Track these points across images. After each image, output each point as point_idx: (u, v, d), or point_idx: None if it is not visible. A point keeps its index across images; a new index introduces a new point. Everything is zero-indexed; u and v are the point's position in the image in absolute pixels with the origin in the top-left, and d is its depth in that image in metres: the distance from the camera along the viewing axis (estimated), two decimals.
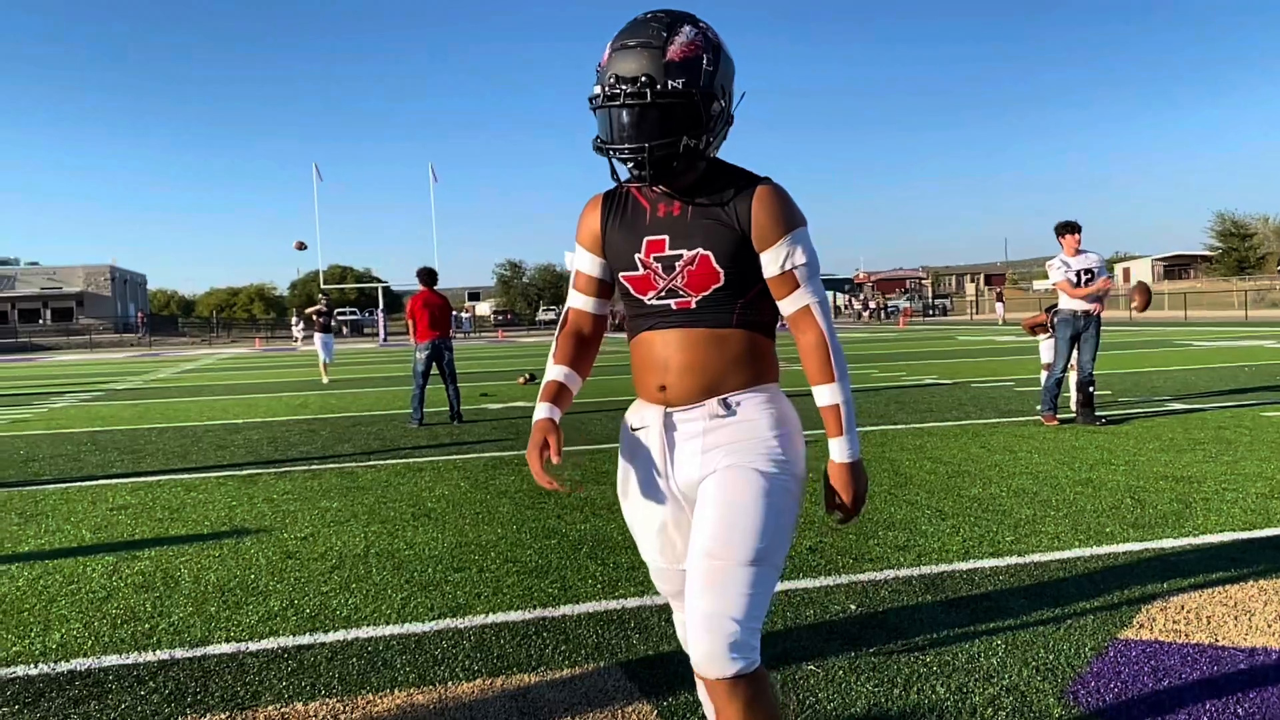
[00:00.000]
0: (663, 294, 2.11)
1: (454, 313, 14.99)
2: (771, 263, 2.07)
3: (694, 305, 2.08)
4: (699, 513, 2.06)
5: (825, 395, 2.08)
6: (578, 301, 2.30)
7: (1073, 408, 9.31)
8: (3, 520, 6.19)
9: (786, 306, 2.11)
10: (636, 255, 2.13)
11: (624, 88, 1.97)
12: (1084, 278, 9.03)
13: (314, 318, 19.74)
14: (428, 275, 11.00)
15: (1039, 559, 4.53)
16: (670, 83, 1.97)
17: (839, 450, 2.11)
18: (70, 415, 13.68)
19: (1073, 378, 9.35)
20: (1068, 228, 9.18)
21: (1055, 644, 3.44)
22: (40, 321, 74.03)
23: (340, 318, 61.35)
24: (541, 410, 2.19)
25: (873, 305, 67.21)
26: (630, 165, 2.03)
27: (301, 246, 17.68)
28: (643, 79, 1.97)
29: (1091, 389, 9.07)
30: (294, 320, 52.66)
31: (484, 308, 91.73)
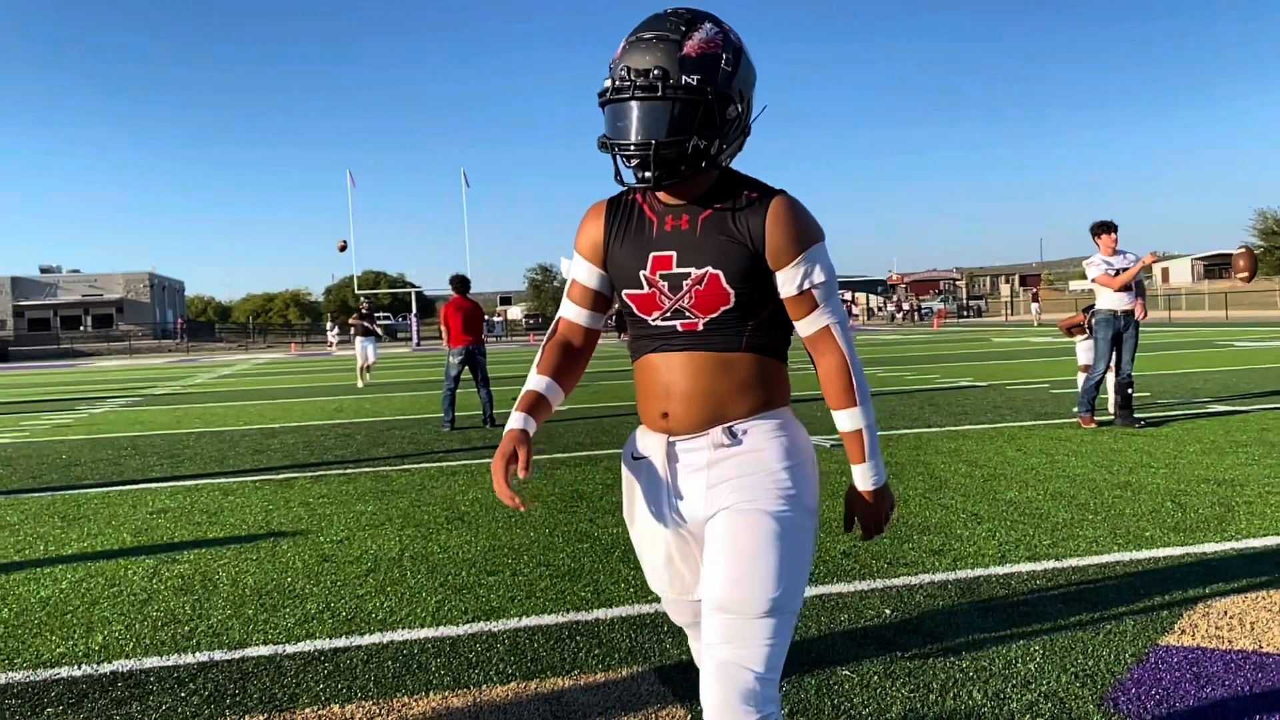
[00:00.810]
0: (668, 314, 1.98)
1: (486, 317, 15.13)
2: (788, 282, 1.95)
3: (701, 327, 1.96)
4: (709, 559, 1.93)
5: (847, 421, 1.99)
6: (570, 312, 2.16)
7: (1111, 410, 9.18)
8: (46, 523, 6.30)
9: (805, 328, 2.00)
10: (642, 272, 2.00)
11: (635, 80, 1.86)
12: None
13: (355, 322, 19.81)
14: (460, 283, 11.27)
15: (1077, 563, 4.48)
16: (685, 78, 1.85)
17: (862, 477, 2.02)
18: (111, 420, 13.90)
19: (1110, 379, 9.23)
20: (1104, 227, 9.06)
21: (1094, 650, 3.40)
22: (81, 328, 75.31)
23: (356, 319, 61.81)
24: (515, 420, 2.02)
25: (906, 307, 66.75)
26: (635, 164, 1.91)
27: (343, 247, 17.88)
28: (655, 72, 1.85)
29: (1130, 390, 8.94)
30: (329, 326, 53.19)
31: (515, 312, 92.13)
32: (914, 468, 7.11)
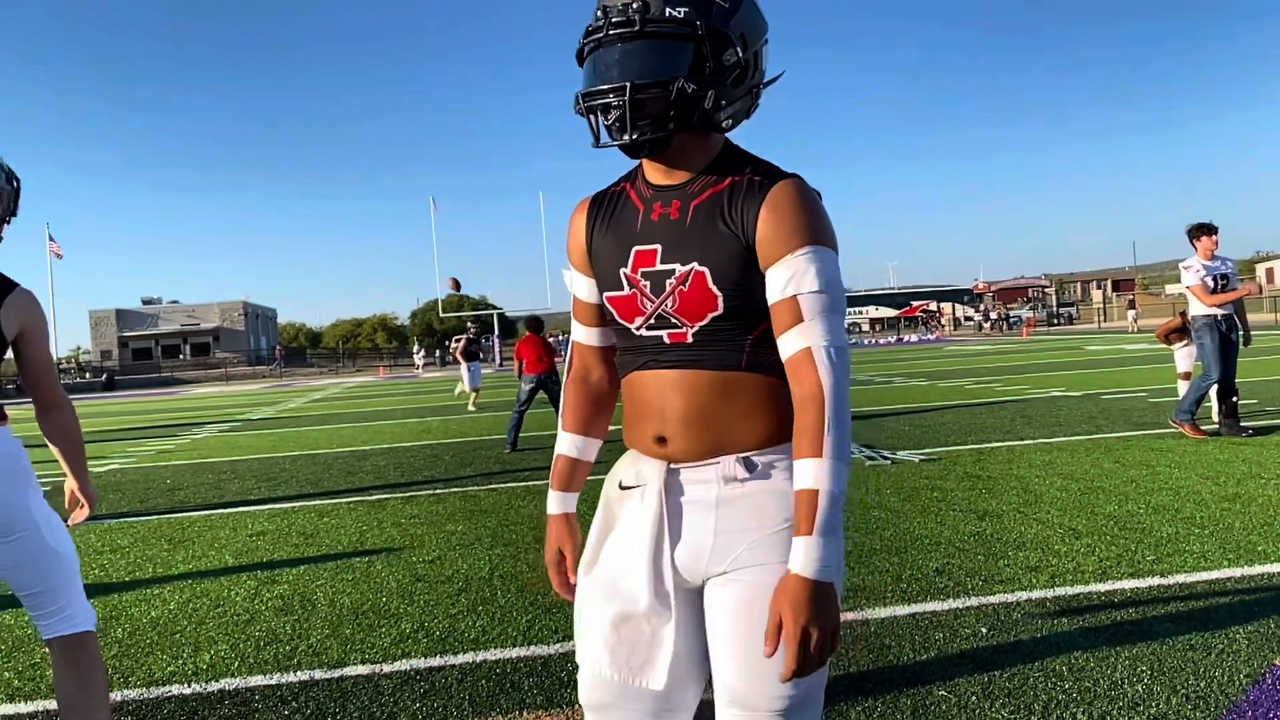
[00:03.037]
0: (652, 321, 1.67)
1: (556, 336, 15.59)
2: (774, 285, 1.57)
3: (690, 339, 1.64)
4: (718, 640, 1.63)
5: (806, 475, 1.50)
6: (579, 335, 1.88)
7: (1214, 419, 8.82)
8: (154, 546, 6.55)
9: (784, 347, 1.57)
10: (622, 270, 1.69)
11: (611, 18, 1.58)
12: (1220, 283, 8.56)
13: (457, 344, 20.10)
14: (535, 323, 11.82)
15: (1184, 579, 4.31)
16: (669, 10, 1.56)
17: (801, 557, 1.48)
18: (210, 445, 14.41)
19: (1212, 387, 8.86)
20: (1203, 229, 8.71)
21: (1206, 670, 3.26)
22: (180, 356, 78.40)
23: (455, 342, 63.13)
24: (553, 502, 1.86)
25: (994, 316, 65.28)
26: (613, 120, 1.60)
27: (456, 286, 18.33)
28: (634, 6, 1.56)
29: (1235, 398, 8.58)
30: (415, 349, 54.32)
31: None
32: (1007, 481, 6.93)
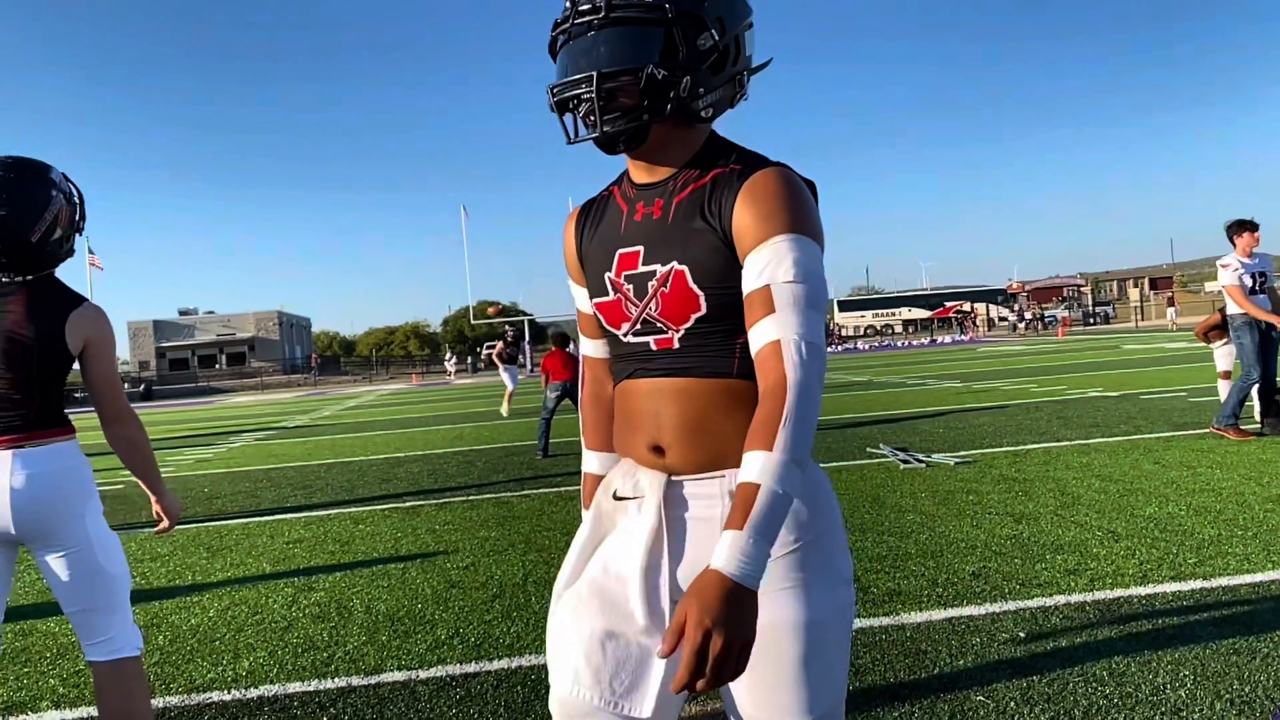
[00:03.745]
0: (638, 327, 1.60)
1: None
2: (748, 275, 1.46)
3: (677, 344, 1.55)
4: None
5: (751, 468, 1.34)
6: (588, 348, 1.82)
7: (1256, 418, 8.66)
8: (193, 554, 6.64)
9: (754, 339, 1.45)
10: (607, 274, 1.63)
11: (577, 8, 1.52)
12: (1259, 281, 8.39)
13: (500, 349, 20.12)
14: (561, 338, 12.10)
15: (1227, 583, 4.24)
16: None
17: (725, 553, 1.30)
18: (247, 454, 14.58)
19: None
20: (1243, 226, 8.53)
21: (1251, 675, 3.21)
22: (216, 366, 79.44)
23: (488, 350, 63.53)
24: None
25: (1029, 316, 64.61)
26: (583, 111, 1.53)
27: (497, 311, 18.53)
28: None
29: (1277, 396, 8.41)
30: (448, 356, 54.66)
31: None
32: (1044, 483, 6.85)
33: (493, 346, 20.32)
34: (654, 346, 1.58)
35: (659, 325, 1.56)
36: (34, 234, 2.56)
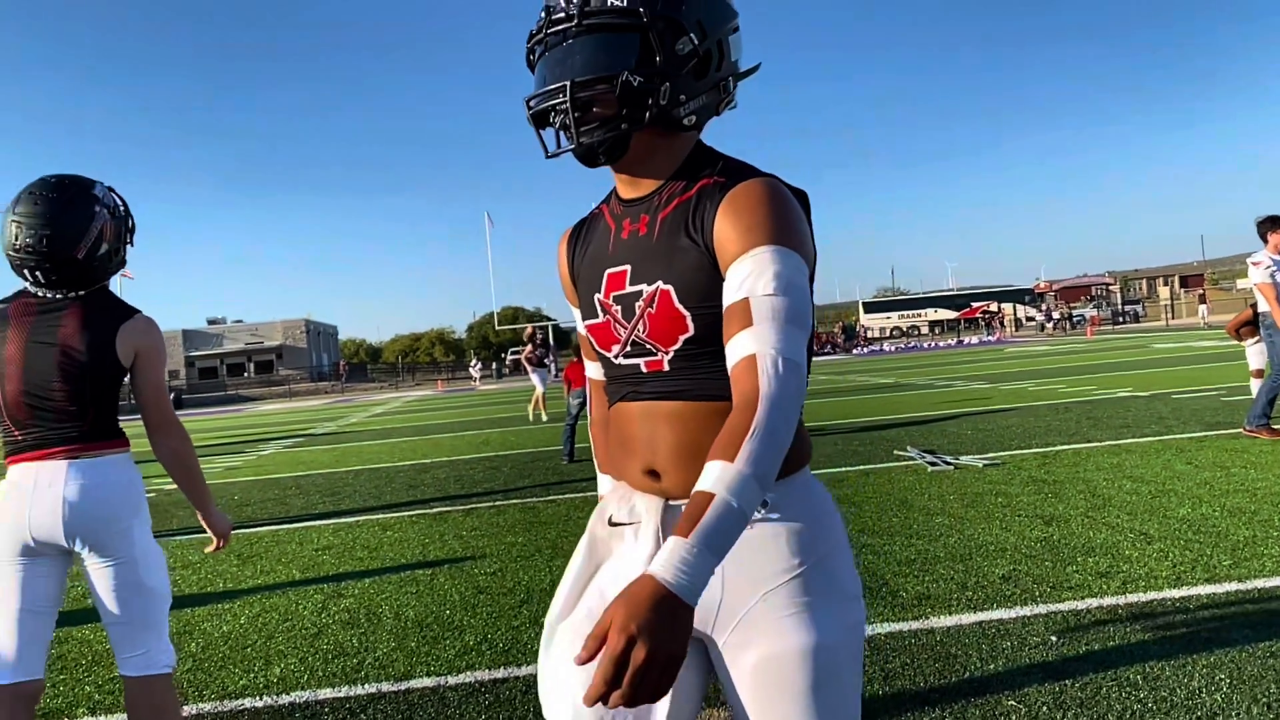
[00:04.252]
0: (627, 349, 1.54)
1: None
2: (727, 289, 1.40)
3: (667, 366, 1.50)
4: (744, 706, 1.45)
5: (708, 476, 1.25)
6: (592, 370, 1.77)
7: None
8: (224, 562, 6.71)
9: (730, 354, 1.36)
10: (596, 296, 1.58)
11: (549, 18, 1.48)
12: None
13: (530, 354, 20.15)
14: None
15: (1263, 585, 4.18)
16: (610, 0, 1.44)
17: (664, 558, 1.20)
18: (276, 461, 14.71)
19: None
20: (1275, 223, 8.39)
21: None
22: (245, 374, 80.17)
23: (513, 355, 63.82)
24: None
25: (1056, 315, 64.01)
26: (559, 123, 1.50)
27: (534, 335, 18.61)
28: (574, 1, 1.45)
29: None
30: (472, 362, 54.93)
31: None
32: (1074, 485, 6.79)
33: (518, 351, 20.34)
34: (645, 369, 1.53)
35: (648, 347, 1.51)
36: (80, 250, 2.62)
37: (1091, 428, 10.02)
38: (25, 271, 2.62)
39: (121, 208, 2.78)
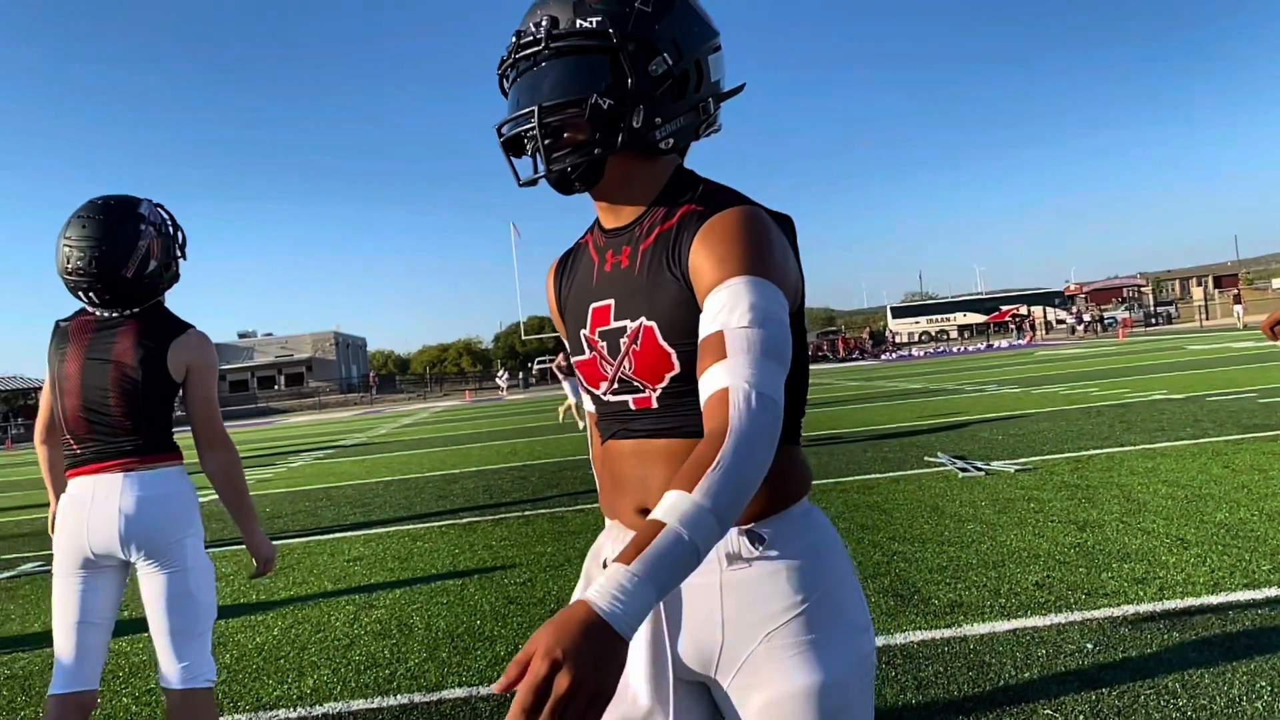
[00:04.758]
0: (615, 386, 1.49)
1: None
2: (703, 321, 1.33)
3: (655, 404, 1.44)
4: None
5: (663, 505, 1.15)
6: (589, 404, 1.66)
7: None
8: None
9: (703, 388, 1.29)
10: (582, 331, 1.52)
11: (519, 42, 1.43)
12: None
13: (563, 363, 20.20)
14: None
15: None
16: (580, 22, 1.39)
17: (601, 585, 1.09)
18: (306, 473, 14.82)
19: None
20: None
21: None
22: (275, 387, 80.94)
23: (540, 365, 63.95)
24: None
25: (1087, 318, 63.32)
26: (530, 149, 1.46)
27: (566, 359, 18.71)
28: (543, 23, 1.40)
29: None
30: (499, 372, 55.13)
31: None
32: (1108, 490, 6.70)
33: (544, 361, 20.39)
34: (633, 406, 1.48)
35: (636, 384, 1.46)
36: (128, 270, 2.68)
37: (1125, 431, 9.90)
38: (80, 293, 2.70)
39: (169, 223, 2.84)
